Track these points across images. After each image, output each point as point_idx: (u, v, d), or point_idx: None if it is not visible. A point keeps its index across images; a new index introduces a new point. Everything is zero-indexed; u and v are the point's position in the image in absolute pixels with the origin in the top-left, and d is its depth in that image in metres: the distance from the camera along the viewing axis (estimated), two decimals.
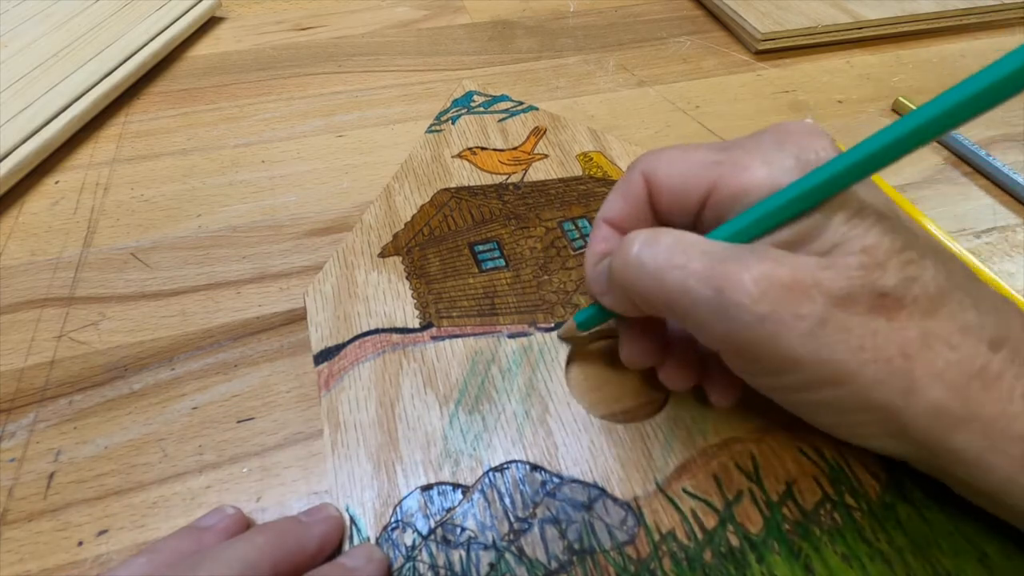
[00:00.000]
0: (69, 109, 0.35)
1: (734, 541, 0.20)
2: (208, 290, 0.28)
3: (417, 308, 0.27)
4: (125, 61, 0.38)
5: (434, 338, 0.26)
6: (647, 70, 0.42)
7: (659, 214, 0.21)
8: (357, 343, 0.25)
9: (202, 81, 0.40)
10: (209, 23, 0.46)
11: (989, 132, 0.38)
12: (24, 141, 0.33)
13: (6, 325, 0.27)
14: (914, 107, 0.38)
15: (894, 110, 0.39)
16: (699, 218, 0.20)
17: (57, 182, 0.33)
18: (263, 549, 0.18)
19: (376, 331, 0.26)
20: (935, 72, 0.43)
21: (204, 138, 0.36)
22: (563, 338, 0.26)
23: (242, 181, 0.33)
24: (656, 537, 0.20)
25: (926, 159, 0.36)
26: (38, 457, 0.23)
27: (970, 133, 0.37)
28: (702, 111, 0.39)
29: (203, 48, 0.43)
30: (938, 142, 0.37)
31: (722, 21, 0.47)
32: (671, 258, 0.18)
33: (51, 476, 0.22)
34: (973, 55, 0.45)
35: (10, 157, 0.32)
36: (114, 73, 0.38)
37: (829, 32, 0.44)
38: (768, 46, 0.43)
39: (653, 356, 0.22)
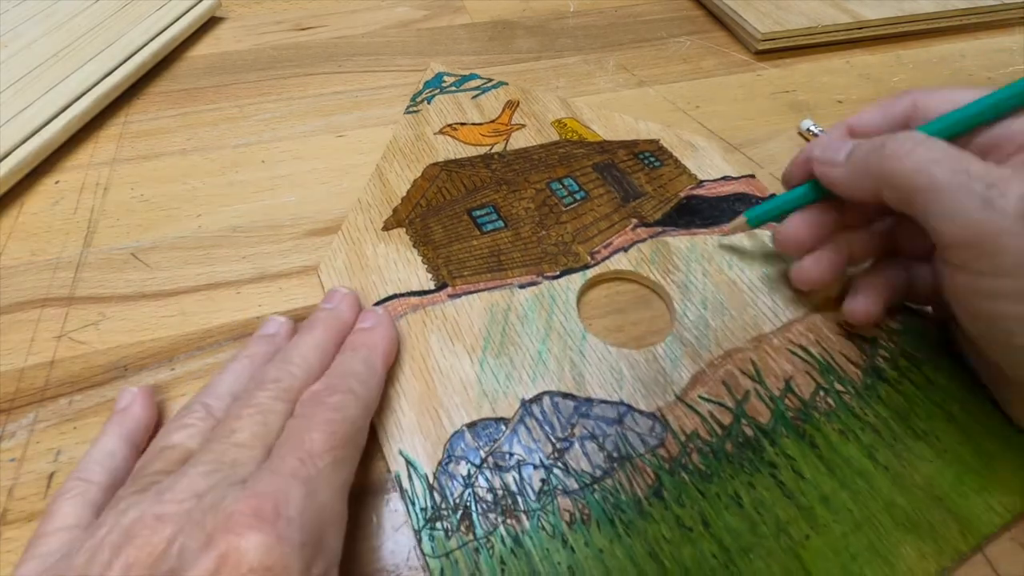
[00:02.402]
0: (69, 109, 0.35)
1: (749, 432, 0.23)
2: (208, 290, 0.28)
3: (429, 271, 0.28)
4: (125, 61, 0.38)
5: (451, 296, 0.27)
6: (647, 70, 0.42)
7: None
8: (381, 309, 0.26)
9: (202, 81, 0.40)
10: (209, 23, 0.46)
11: None
12: (24, 141, 0.33)
13: (6, 325, 0.27)
14: None
15: None
16: None
17: (57, 182, 0.33)
18: (325, 336, 0.23)
19: (394, 296, 0.27)
20: (935, 72, 0.43)
21: (204, 138, 0.36)
22: (726, 234, 0.29)
23: (242, 181, 0.33)
24: (682, 438, 0.23)
25: None
26: (38, 457, 0.23)
27: None
28: (702, 111, 0.39)
29: (203, 48, 0.43)
30: None
31: (722, 21, 0.47)
32: (947, 156, 0.20)
33: (51, 476, 0.22)
34: (973, 55, 0.45)
35: (10, 157, 0.32)
36: (114, 73, 0.38)
37: (829, 32, 0.44)
38: (768, 46, 0.43)
39: (815, 241, 0.25)
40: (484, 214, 0.31)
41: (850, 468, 0.22)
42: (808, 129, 0.37)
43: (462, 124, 0.36)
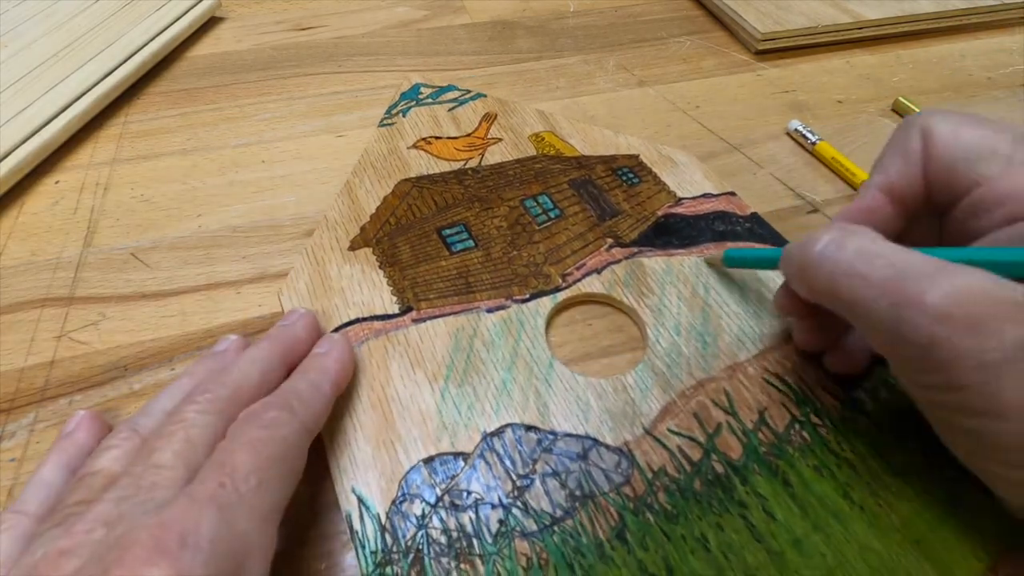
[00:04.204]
0: (69, 109, 0.35)
1: (719, 468, 0.22)
2: (208, 290, 0.28)
3: (394, 294, 0.27)
4: (125, 61, 0.38)
5: (415, 321, 0.26)
6: (647, 70, 0.42)
7: (929, 185, 0.21)
8: (339, 334, 0.26)
9: (202, 81, 0.40)
10: (209, 23, 0.46)
11: None
12: (24, 141, 0.33)
13: (6, 325, 0.27)
14: (914, 107, 0.38)
15: (894, 110, 0.39)
16: (955, 206, 0.20)
17: (57, 182, 0.33)
18: (270, 350, 0.22)
19: (357, 320, 0.26)
20: (935, 72, 0.43)
21: (204, 138, 0.36)
22: (709, 263, 0.29)
23: (242, 181, 0.33)
24: (649, 475, 0.22)
25: None
26: (38, 457, 0.23)
27: None
28: (702, 111, 0.39)
29: (203, 48, 0.43)
30: None
31: (722, 21, 0.47)
32: (853, 265, 0.18)
33: None
34: (973, 55, 0.45)
35: (10, 157, 0.32)
36: (114, 73, 0.38)
37: (829, 32, 0.44)
38: (768, 46, 0.43)
39: (822, 342, 0.24)
40: (454, 233, 0.30)
41: (824, 508, 0.21)
42: (796, 130, 0.37)
43: (436, 138, 0.35)
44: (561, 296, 0.27)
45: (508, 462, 0.22)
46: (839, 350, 0.24)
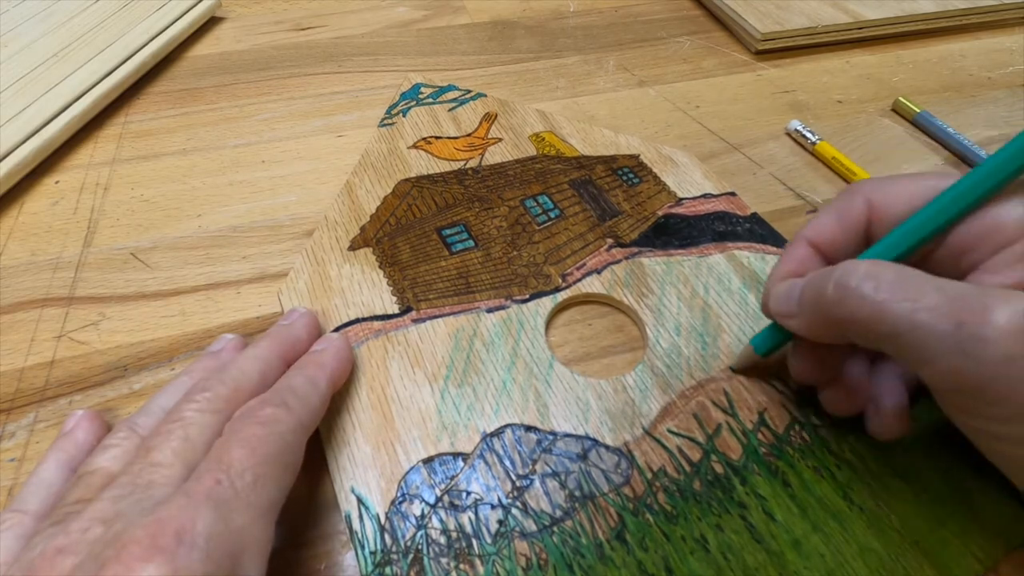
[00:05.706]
0: (69, 109, 0.35)
1: (719, 469, 0.22)
2: (208, 290, 0.28)
3: (394, 294, 0.27)
4: (125, 61, 0.38)
5: (415, 321, 0.26)
6: (647, 70, 0.42)
7: (871, 243, 0.21)
8: (338, 333, 0.26)
9: (202, 81, 0.40)
10: (209, 23, 0.46)
11: (989, 132, 0.38)
12: (24, 141, 0.33)
13: (6, 325, 0.27)
14: (914, 107, 0.38)
15: (894, 110, 0.39)
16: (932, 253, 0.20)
17: (57, 182, 0.33)
18: (269, 348, 0.22)
19: (356, 320, 0.26)
20: (935, 72, 0.43)
21: (204, 138, 0.36)
22: (738, 370, 0.25)
23: (242, 181, 0.33)
24: (649, 475, 0.22)
25: (926, 159, 0.36)
26: (38, 457, 0.23)
27: (970, 133, 0.37)
28: (702, 111, 0.39)
29: (203, 48, 0.43)
30: (938, 142, 0.37)
31: (722, 21, 0.47)
32: (897, 292, 0.17)
33: None
34: (973, 55, 0.45)
35: (10, 157, 0.32)
36: (114, 73, 0.38)
37: (829, 32, 0.44)
38: (768, 46, 0.43)
39: (823, 375, 0.22)
40: (454, 233, 0.30)
41: (824, 509, 0.21)
42: (796, 130, 0.37)
43: (436, 138, 0.35)
44: (561, 296, 0.27)
45: (508, 462, 0.22)
46: (839, 387, 0.22)
